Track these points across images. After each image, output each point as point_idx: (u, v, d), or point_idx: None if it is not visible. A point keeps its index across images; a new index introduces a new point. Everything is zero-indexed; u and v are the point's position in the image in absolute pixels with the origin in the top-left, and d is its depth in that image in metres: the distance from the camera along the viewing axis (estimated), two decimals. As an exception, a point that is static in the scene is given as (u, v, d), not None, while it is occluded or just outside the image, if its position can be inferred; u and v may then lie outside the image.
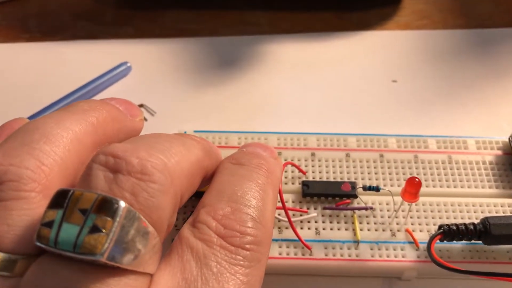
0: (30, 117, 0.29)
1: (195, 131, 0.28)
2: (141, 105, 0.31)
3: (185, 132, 0.28)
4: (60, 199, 0.15)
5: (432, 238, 0.23)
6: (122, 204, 0.15)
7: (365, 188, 0.25)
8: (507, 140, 0.28)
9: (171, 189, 0.17)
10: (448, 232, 0.23)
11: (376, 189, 0.25)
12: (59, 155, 0.17)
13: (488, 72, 0.33)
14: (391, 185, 0.26)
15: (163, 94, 0.32)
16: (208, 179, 0.22)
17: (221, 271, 0.17)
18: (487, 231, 0.23)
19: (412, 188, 0.22)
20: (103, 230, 0.15)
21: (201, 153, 0.20)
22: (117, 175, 0.16)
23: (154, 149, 0.17)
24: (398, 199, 0.24)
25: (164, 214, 0.17)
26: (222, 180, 0.21)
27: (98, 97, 0.32)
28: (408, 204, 0.25)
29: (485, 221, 0.23)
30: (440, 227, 0.23)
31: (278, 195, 0.24)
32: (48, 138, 0.17)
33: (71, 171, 0.18)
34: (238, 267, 0.18)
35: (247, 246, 0.18)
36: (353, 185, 0.26)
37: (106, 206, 0.15)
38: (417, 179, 0.22)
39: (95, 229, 0.15)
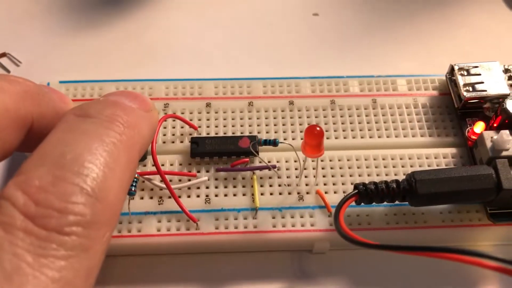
0: None
1: (61, 82, 0.23)
2: (3, 54, 0.25)
3: (48, 84, 0.22)
4: None
5: (342, 203, 0.18)
6: None
7: (260, 143, 0.20)
8: (444, 77, 0.23)
9: None
10: (365, 193, 0.18)
11: (274, 143, 0.20)
12: None
13: (425, 1, 0.28)
14: (301, 138, 0.21)
15: (33, 40, 0.26)
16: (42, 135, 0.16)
17: (18, 267, 0.12)
18: (412, 190, 0.18)
19: (312, 139, 0.17)
20: None
21: (14, 98, 0.15)
22: None
23: None
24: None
25: None
26: (52, 138, 0.15)
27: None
28: (321, 160, 0.20)
29: (410, 177, 0.19)
30: (355, 187, 0.19)
31: (152, 158, 0.19)
32: None
33: None
34: (50, 258, 0.13)
35: (67, 229, 0.13)
36: (253, 140, 0.21)
37: None
38: (318, 128, 0.17)
39: None
